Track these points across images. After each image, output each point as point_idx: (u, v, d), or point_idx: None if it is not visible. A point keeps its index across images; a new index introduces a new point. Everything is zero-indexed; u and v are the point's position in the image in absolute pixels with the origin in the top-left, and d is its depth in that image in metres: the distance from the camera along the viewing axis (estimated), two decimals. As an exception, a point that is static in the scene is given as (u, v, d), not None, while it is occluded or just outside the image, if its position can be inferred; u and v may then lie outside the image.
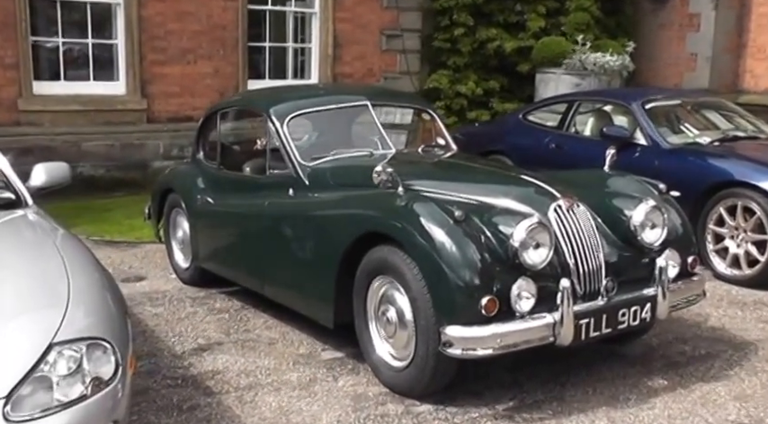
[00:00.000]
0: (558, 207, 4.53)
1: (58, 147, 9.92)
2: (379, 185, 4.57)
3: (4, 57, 9.64)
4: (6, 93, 9.70)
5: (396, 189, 4.50)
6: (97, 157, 10.14)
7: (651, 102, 7.76)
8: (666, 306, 4.62)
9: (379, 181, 4.56)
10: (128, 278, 6.90)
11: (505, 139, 8.77)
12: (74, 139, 10.02)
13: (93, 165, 10.14)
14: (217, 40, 10.85)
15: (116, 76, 10.42)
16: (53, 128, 9.92)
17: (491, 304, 4.07)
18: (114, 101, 10.31)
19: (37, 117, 9.87)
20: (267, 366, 4.94)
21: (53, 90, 10.01)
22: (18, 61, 9.68)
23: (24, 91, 9.77)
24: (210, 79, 10.81)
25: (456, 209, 4.20)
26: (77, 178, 10.00)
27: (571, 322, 4.21)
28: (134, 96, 10.39)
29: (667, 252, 4.73)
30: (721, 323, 5.79)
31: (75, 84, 10.19)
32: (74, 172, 9.89)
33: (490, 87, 12.49)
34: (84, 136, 10.09)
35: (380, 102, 6.03)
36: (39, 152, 9.76)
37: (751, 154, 7.06)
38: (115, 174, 10.30)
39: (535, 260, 4.23)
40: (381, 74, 12.10)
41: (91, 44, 10.26)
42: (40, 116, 9.88)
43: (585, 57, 11.83)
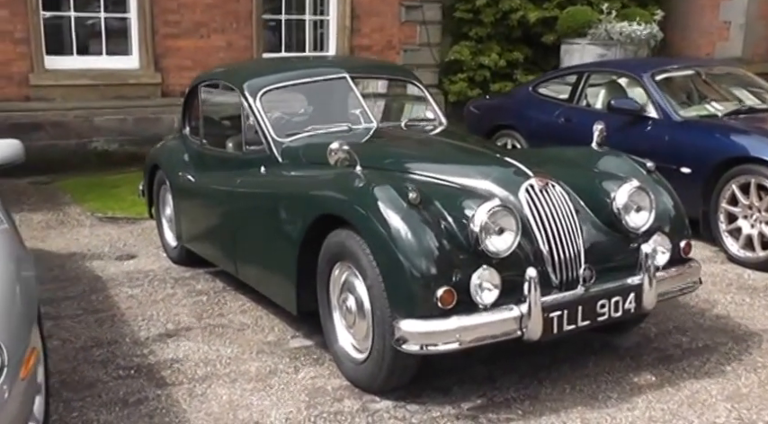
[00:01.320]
0: (530, 187, 4.04)
1: (70, 122, 9.65)
2: (336, 164, 4.12)
3: (14, 32, 9.34)
4: (17, 68, 9.41)
5: (353, 169, 4.04)
6: (110, 132, 9.82)
7: (662, 73, 7.15)
8: (653, 296, 4.10)
9: (335, 160, 4.10)
10: (120, 255, 6.57)
11: (515, 113, 8.23)
12: (85, 114, 9.71)
13: (106, 140, 9.82)
14: (230, 14, 10.42)
15: (129, 51, 10.06)
16: (64, 103, 9.62)
17: (448, 296, 3.61)
18: (127, 75, 9.97)
19: (48, 92, 9.57)
20: (229, 355, 4.55)
21: (65, 64, 9.69)
22: (29, 36, 9.38)
23: (36, 66, 9.47)
24: (224, 53, 10.38)
25: (411, 191, 3.73)
26: (91, 153, 9.79)
27: (539, 315, 3.73)
28: (147, 70, 10.04)
29: (656, 237, 4.21)
30: (726, 311, 5.24)
31: (88, 59, 9.87)
32: (87, 147, 9.77)
33: (514, 58, 11.87)
34: (96, 111, 9.77)
35: (361, 75, 5.55)
36: (50, 127, 9.57)
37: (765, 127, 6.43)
38: (129, 149, 9.96)
39: (499, 247, 3.75)
40: (401, 46, 11.56)
41: (103, 18, 9.92)
42: (51, 91, 9.58)
43: (611, 26, 11.17)
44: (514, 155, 4.42)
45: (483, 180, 4.14)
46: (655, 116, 6.85)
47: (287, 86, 5.39)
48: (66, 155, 9.60)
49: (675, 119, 6.75)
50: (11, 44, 9.34)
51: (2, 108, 9.31)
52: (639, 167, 4.56)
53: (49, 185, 9.01)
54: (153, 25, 9.99)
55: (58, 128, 9.58)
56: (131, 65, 10.02)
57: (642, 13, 11.61)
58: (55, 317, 5.16)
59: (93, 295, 5.56)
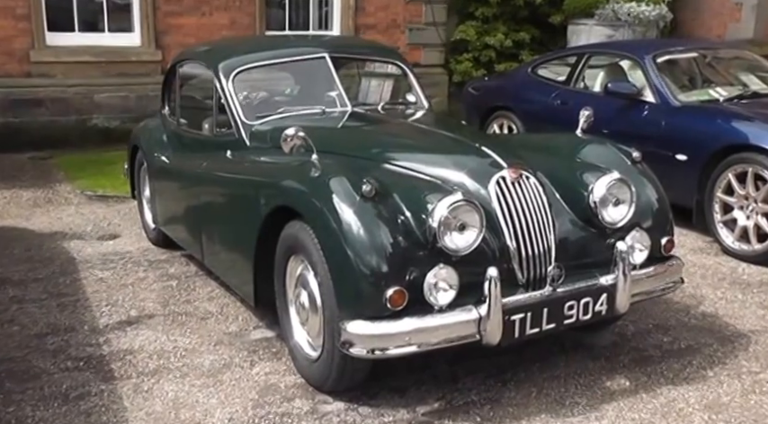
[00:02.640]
0: (501, 179, 3.62)
1: (70, 99, 9.32)
2: (291, 151, 3.72)
3: (16, 8, 8.98)
4: (18, 44, 9.06)
5: (309, 157, 3.65)
6: (111, 109, 9.47)
7: (663, 55, 6.65)
8: (627, 298, 3.68)
9: (291, 147, 3.71)
10: (102, 235, 6.25)
11: (512, 94, 7.77)
12: (86, 91, 9.36)
13: (106, 117, 9.47)
14: (234, -9, 10.01)
15: (131, 28, 9.68)
16: (65, 79, 9.28)
17: (398, 296, 3.22)
18: (128, 52, 9.59)
19: (49, 68, 9.22)
20: (186, 347, 4.21)
21: (67, 41, 9.32)
22: (30, 12, 9.02)
23: (37, 42, 9.12)
24: (227, 31, 9.96)
25: (365, 183, 3.34)
26: (91, 129, 9.46)
27: (499, 318, 3.34)
28: (148, 48, 9.66)
29: (634, 233, 3.79)
30: (715, 309, 4.80)
31: (90, 36, 9.49)
32: (87, 123, 9.44)
33: (520, 39, 11.34)
34: (97, 88, 9.42)
35: (341, 55, 5.14)
36: (50, 103, 9.26)
37: (766, 113, 5.94)
38: (129, 126, 9.35)
39: (459, 245, 3.35)
40: (406, 25, 11.07)
41: (104, -6, 9.57)
42: (52, 67, 9.23)
43: (619, 6, 10.62)
44: (491, 144, 4.00)
45: (452, 170, 3.74)
46: (652, 100, 6.38)
47: (262, 66, 4.99)
48: (67, 132, 9.28)
49: (673, 103, 6.27)
50: (12, 20, 9.00)
51: (3, 84, 9.00)
52: (624, 157, 4.12)
53: (46, 161, 8.70)
54: (154, 2, 9.59)
55: (59, 105, 9.26)
56: (133, 42, 9.64)
57: (651, -6, 11.05)
58: (20, 300, 4.85)
59: (62, 278, 5.23)
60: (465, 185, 3.64)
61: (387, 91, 5.40)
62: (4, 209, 6.89)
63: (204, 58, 5.16)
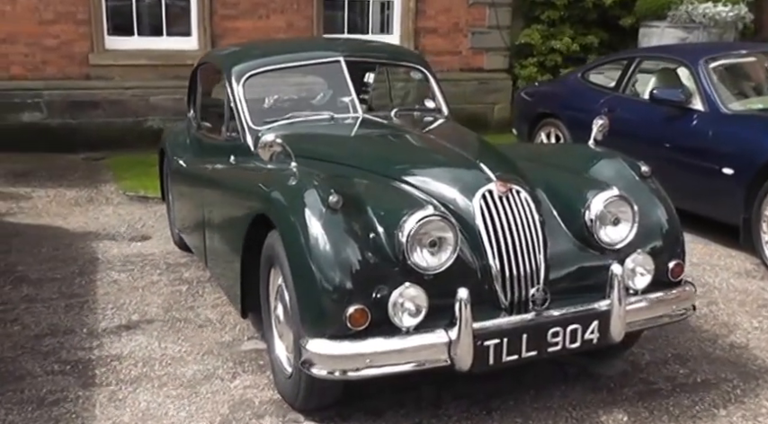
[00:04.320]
0: (487, 193, 3.40)
1: (127, 101, 9.46)
2: (271, 158, 3.59)
3: (76, 13, 9.19)
4: (78, 48, 9.26)
5: (288, 165, 3.51)
6: (166, 111, 9.55)
7: (717, 60, 6.23)
8: (622, 325, 3.40)
9: (270, 154, 3.58)
10: (134, 236, 6.27)
11: (560, 101, 7.45)
12: (142, 93, 9.50)
13: (162, 119, 9.56)
14: (291, -7, 9.99)
15: (188, 32, 9.77)
16: (123, 82, 9.43)
17: (359, 316, 3.05)
18: (185, 55, 9.60)
19: (107, 71, 9.39)
20: (174, 355, 4.13)
21: (125, 45, 9.48)
22: (90, 17, 9.21)
23: (96, 46, 9.30)
24: (283, 34, 9.94)
25: (333, 195, 3.17)
26: (147, 131, 9.58)
27: (469, 342, 3.12)
28: (205, 51, 9.68)
29: (635, 256, 3.50)
30: (746, 339, 4.42)
31: (148, 40, 9.63)
32: (143, 125, 9.57)
33: (588, 42, 10.96)
34: (153, 91, 9.54)
35: (358, 58, 4.98)
36: (108, 105, 9.42)
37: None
38: None
39: (430, 263, 3.15)
40: (468, 28, 10.83)
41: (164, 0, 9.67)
42: (110, 70, 9.39)
43: (693, 7, 10.14)
44: (488, 156, 3.78)
45: (439, 182, 3.53)
46: (701, 108, 5.98)
47: (275, 70, 4.87)
48: (123, 133, 9.43)
49: (723, 111, 5.87)
50: (73, 25, 9.20)
51: (62, 86, 9.22)
52: (632, 171, 3.83)
53: (99, 161, 8.85)
54: (211, 6, 9.66)
55: (116, 106, 9.41)
56: (190, 46, 9.71)
57: (728, -6, 10.50)
58: (31, 299, 4.88)
59: (78, 279, 5.24)
60: (450, 198, 3.44)
61: (404, 96, 5.22)
62: (45, 208, 7.00)
63: (220, 61, 5.09)
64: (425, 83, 5.15)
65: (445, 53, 10.79)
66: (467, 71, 10.95)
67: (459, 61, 10.92)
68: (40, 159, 8.63)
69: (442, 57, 10.76)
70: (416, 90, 5.22)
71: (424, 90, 5.16)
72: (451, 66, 10.87)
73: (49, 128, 9.15)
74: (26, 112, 9.11)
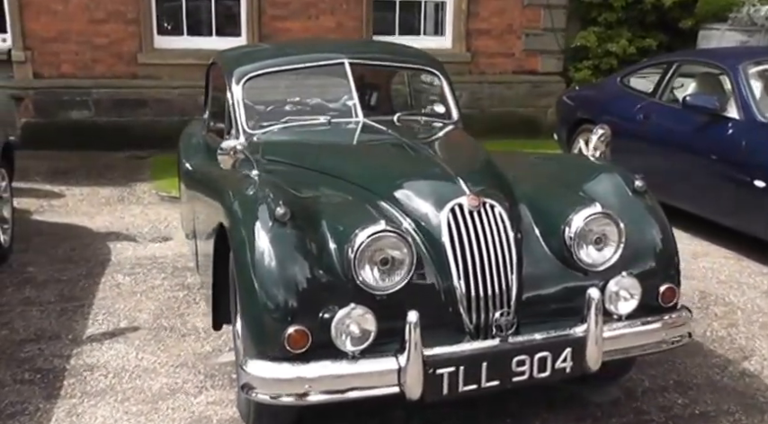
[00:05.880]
0: (457, 207, 3.09)
1: (174, 100, 9.40)
2: (234, 166, 3.37)
3: (126, 13, 9.18)
4: (127, 47, 9.25)
5: (249, 173, 3.28)
6: (212, 111, 9.49)
7: (757, 65, 5.73)
8: (599, 353, 3.05)
9: (233, 162, 3.35)
10: (155, 237, 6.17)
11: (598, 106, 7.01)
12: (189, 92, 9.40)
13: (208, 119, 9.50)
14: (340, -6, 9.78)
15: (238, 32, 9.66)
16: (170, 81, 9.38)
17: (299, 337, 2.79)
18: (233, 55, 9.57)
19: (155, 70, 9.35)
20: (147, 366, 3.94)
21: (174, 44, 9.43)
22: (139, 16, 9.20)
23: (144, 45, 9.28)
24: (333, 34, 9.74)
25: (280, 207, 2.92)
26: (193, 130, 9.49)
27: (419, 370, 2.82)
28: (254, 51, 9.61)
29: (620, 278, 3.13)
30: (761, 367, 3.99)
31: (197, 39, 9.55)
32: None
33: (646, 45, 10.41)
34: (200, 90, 9.36)
35: (364, 61, 4.71)
36: (154, 104, 9.38)
37: None
38: None
39: (380, 283, 2.87)
40: (522, 30, 10.43)
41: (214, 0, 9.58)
42: (158, 69, 9.35)
43: (755, 9, 9.50)
44: (472, 168, 3.49)
45: (411, 195, 3.22)
46: (736, 116, 5.51)
47: (277, 72, 4.65)
48: (169, 132, 9.26)
49: (759, 120, 5.38)
50: (122, 24, 9.19)
51: (110, 84, 9.23)
52: (626, 186, 3.45)
53: (142, 160, 8.81)
54: (260, 6, 9.53)
55: (163, 105, 9.37)
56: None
57: (797, -4, 9.82)
58: (29, 302, 4.77)
59: (82, 281, 5.12)
60: (421, 212, 3.14)
61: (413, 100, 4.92)
62: (75, 206, 6.96)
63: (224, 61, 4.89)
64: (437, 87, 4.85)
65: (498, 55, 10.44)
66: (520, 74, 10.55)
67: (512, 63, 10.54)
68: (84, 157, 8.64)
69: (494, 59, 10.44)
70: (427, 93, 4.92)
71: (435, 94, 4.86)
72: (504, 69, 10.52)
73: (96, 126, 9.17)
74: (74, 110, 9.14)
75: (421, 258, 3.00)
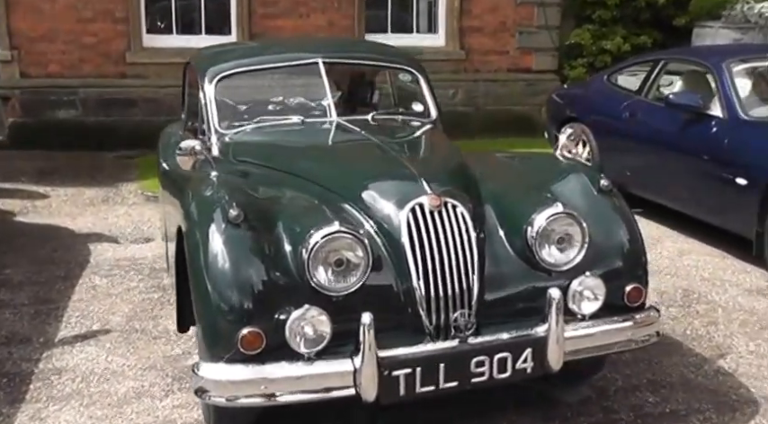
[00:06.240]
0: (417, 207, 3.08)
1: (163, 100, 9.37)
2: (194, 167, 3.37)
3: (114, 11, 9.21)
4: (115, 46, 9.27)
5: (209, 175, 3.27)
6: (201, 110, 9.50)
7: (742, 63, 5.70)
8: (560, 354, 3.03)
9: (194, 163, 3.35)
10: (137, 238, 6.18)
11: (585, 104, 6.98)
12: (177, 92, 9.37)
13: (197, 118, 9.51)
14: (332, -8, 9.77)
15: (228, 30, 9.67)
16: (158, 80, 9.38)
17: (253, 338, 2.78)
18: (222, 54, 9.57)
19: (143, 69, 9.37)
20: (116, 369, 3.94)
21: (163, 43, 9.45)
22: (127, 15, 9.22)
23: (133, 44, 9.30)
24: (324, 33, 9.74)
25: (233, 208, 2.91)
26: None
27: (373, 371, 2.81)
28: (244, 50, 9.61)
29: (583, 278, 3.12)
30: (736, 365, 3.97)
31: (187, 38, 9.53)
32: (178, 124, 9.49)
33: (640, 43, 10.37)
34: (189, 90, 9.46)
35: (339, 60, 4.71)
36: (143, 103, 9.39)
37: None
38: None
39: (335, 284, 2.86)
40: (516, 28, 10.40)
41: (203, -1, 9.61)
42: (146, 68, 9.37)
43: (749, 7, 9.48)
44: (437, 168, 3.49)
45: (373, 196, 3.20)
46: (719, 114, 5.48)
47: (250, 71, 4.64)
48: (158, 132, 9.34)
49: (742, 118, 5.36)
50: (111, 23, 9.22)
51: (98, 84, 9.25)
52: (591, 185, 3.43)
53: (131, 160, 8.81)
54: (250, 5, 9.53)
55: (152, 105, 9.36)
56: (228, 44, 9.62)
57: (793, -7, 9.78)
58: (2, 305, 4.77)
59: (59, 283, 5.13)
60: (383, 213, 3.12)
61: (390, 99, 4.91)
62: (58, 207, 6.97)
63: (198, 61, 4.89)
64: (415, 86, 4.82)
65: (492, 53, 10.42)
66: (514, 71, 10.53)
67: (506, 61, 10.52)
68: (71, 157, 8.64)
69: (488, 56, 10.43)
70: (405, 92, 4.90)
71: (412, 92, 4.84)
72: (499, 67, 10.51)
73: (84, 126, 9.18)
74: (62, 110, 9.17)
75: (380, 259, 3.00)
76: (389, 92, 4.98)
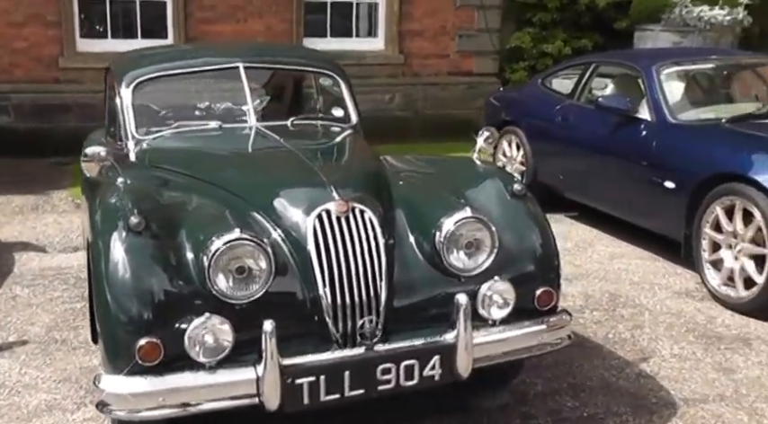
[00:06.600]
0: (324, 212, 3.07)
1: (98, 105, 9.14)
2: (101, 174, 3.32)
3: (46, 15, 9.07)
4: (48, 51, 9.13)
5: (116, 181, 3.24)
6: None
7: (671, 67, 5.80)
8: (469, 360, 3.05)
9: (100, 169, 3.31)
10: (65, 247, 6.09)
11: (519, 108, 7.07)
12: (113, 97, 9.32)
13: (134, 124, 9.40)
14: (270, -4, 9.74)
15: (165, 34, 9.58)
16: (93, 85, 9.23)
17: (151, 349, 2.75)
18: (159, 59, 9.48)
19: (78, 74, 9.21)
20: (28, 382, 3.86)
21: (98, 48, 9.28)
22: (60, 19, 9.08)
23: (66, 49, 9.17)
24: (263, 37, 9.70)
25: (134, 216, 2.88)
26: (119, 136, 9.40)
27: (275, 379, 2.80)
28: (180, 54, 9.52)
29: (493, 283, 3.14)
30: (658, 368, 4.03)
31: (123, 42, 9.41)
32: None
33: (581, 46, 10.53)
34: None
35: (260, 64, 4.69)
36: (78, 109, 9.24)
37: (767, 138, 5.05)
38: None
39: (237, 292, 2.84)
40: (456, 31, 10.46)
41: (139, 2, 9.48)
42: (81, 73, 9.22)
43: (688, 10, 9.65)
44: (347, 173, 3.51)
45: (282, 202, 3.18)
46: (647, 117, 5.57)
47: (169, 76, 4.59)
48: (94, 138, 9.26)
49: (670, 121, 5.45)
50: (42, 27, 9.08)
51: (30, 89, 9.10)
52: (504, 189, 3.46)
53: (65, 167, 8.63)
54: (186, 9, 9.46)
55: (87, 110, 9.18)
56: (165, 48, 9.53)
57: (730, -3, 10.00)
58: None
59: (-22, 295, 5.04)
60: (291, 221, 3.11)
61: (308, 104, 4.91)
62: (-15, 216, 6.85)
63: (117, 66, 4.83)
64: (336, 90, 4.82)
65: (432, 56, 10.46)
66: (455, 75, 10.58)
67: (446, 65, 10.57)
68: (2, 164, 8.46)
69: (428, 60, 10.46)
70: (326, 97, 4.89)
71: (334, 97, 4.84)
72: (439, 70, 10.55)
73: (17, 133, 9.01)
74: (-7, 116, 9.02)
75: (286, 266, 2.99)
76: (314, 96, 4.96)
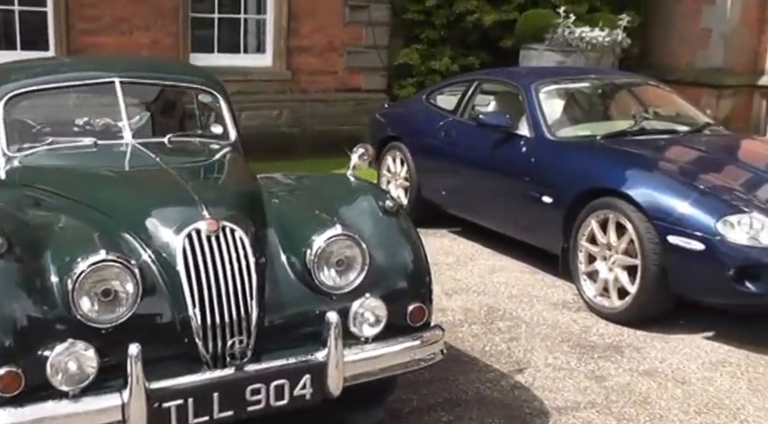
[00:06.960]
0: (194, 232, 3.04)
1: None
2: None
3: None
4: None
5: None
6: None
7: (549, 85, 6.02)
8: (340, 378, 3.07)
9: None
10: None
11: (404, 124, 7.18)
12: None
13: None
14: (155, 9, 9.52)
15: (46, 46, 9.29)
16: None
17: (10, 380, 2.64)
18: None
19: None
20: None
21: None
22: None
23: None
24: (148, 51, 9.49)
25: (-5, 236, 2.79)
26: None
27: (142, 404, 2.74)
28: (62, 67, 9.26)
29: (364, 300, 3.17)
30: (533, 379, 4.15)
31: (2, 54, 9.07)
32: None
33: (469, 63, 10.73)
34: None
35: (137, 79, 4.60)
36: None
37: (640, 154, 5.29)
38: None
39: (100, 316, 2.78)
40: (344, 48, 10.53)
41: (18, 11, 9.17)
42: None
43: (570, 31, 10.00)
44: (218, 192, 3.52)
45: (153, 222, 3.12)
46: (527, 134, 5.76)
47: (41, 91, 4.46)
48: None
49: (548, 138, 5.65)
50: None
51: None
52: (377, 205, 3.50)
53: None
54: (67, 20, 9.20)
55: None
56: (45, 61, 9.24)
57: (607, 18, 10.41)
58: None
59: None
60: (162, 241, 3.06)
61: (187, 121, 4.86)
62: None
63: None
64: (215, 107, 4.79)
65: (320, 73, 10.49)
66: (343, 91, 10.64)
67: (334, 81, 10.62)
68: None
69: (316, 76, 10.48)
70: (205, 113, 4.85)
71: (213, 113, 4.80)
72: (327, 87, 10.57)
73: None
74: None
75: (155, 288, 2.95)
76: (194, 113, 4.92)
